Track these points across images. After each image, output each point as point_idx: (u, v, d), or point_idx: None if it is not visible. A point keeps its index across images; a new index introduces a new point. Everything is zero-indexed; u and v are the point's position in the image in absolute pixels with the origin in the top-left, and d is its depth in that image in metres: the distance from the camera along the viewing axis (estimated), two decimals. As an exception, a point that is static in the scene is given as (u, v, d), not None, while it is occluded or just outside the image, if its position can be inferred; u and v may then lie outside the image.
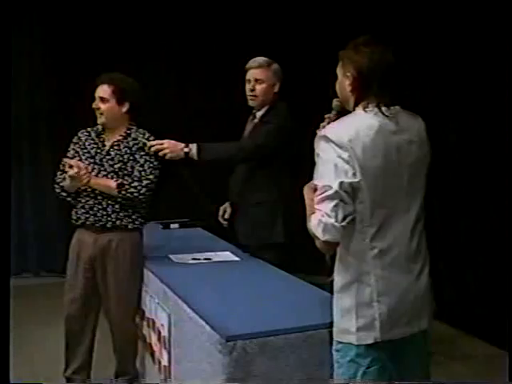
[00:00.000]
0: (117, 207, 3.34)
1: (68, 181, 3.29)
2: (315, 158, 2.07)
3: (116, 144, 3.39)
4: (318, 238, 2.01)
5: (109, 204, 3.34)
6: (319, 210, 2.00)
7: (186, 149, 3.32)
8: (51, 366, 3.76)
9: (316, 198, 2.02)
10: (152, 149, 3.33)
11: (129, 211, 3.37)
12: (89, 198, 3.36)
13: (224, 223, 3.85)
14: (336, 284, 2.13)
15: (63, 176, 3.34)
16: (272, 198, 3.52)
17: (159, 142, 3.34)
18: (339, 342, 2.11)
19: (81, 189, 3.36)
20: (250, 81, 3.55)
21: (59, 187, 3.40)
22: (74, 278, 3.41)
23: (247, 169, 3.58)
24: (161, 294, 3.10)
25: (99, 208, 3.34)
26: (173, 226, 4.46)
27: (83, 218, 3.37)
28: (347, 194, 1.99)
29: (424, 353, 2.23)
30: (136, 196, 3.30)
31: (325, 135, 2.04)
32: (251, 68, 3.56)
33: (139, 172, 3.32)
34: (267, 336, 2.32)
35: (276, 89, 3.57)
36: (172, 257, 3.52)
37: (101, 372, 3.62)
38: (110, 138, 3.42)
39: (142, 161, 3.35)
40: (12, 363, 2.50)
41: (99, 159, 3.38)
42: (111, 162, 3.37)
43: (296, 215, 2.73)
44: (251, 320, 2.46)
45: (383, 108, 2.08)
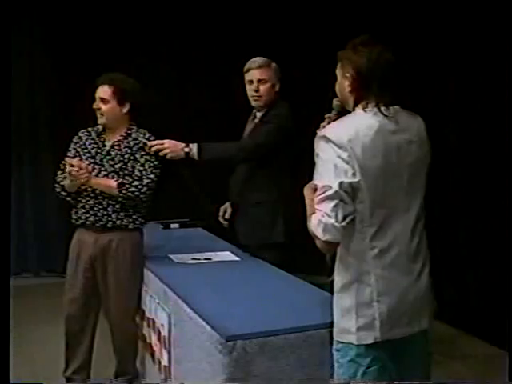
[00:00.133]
0: (117, 207, 3.34)
1: (68, 180, 3.30)
2: (315, 158, 2.07)
3: (116, 144, 3.40)
4: (319, 238, 2.01)
5: (109, 204, 3.34)
6: (319, 210, 2.00)
7: (187, 149, 3.32)
8: (51, 366, 3.76)
9: (316, 198, 2.02)
10: (152, 149, 3.33)
11: (129, 211, 3.37)
12: (89, 198, 3.36)
13: (224, 223, 3.84)
14: (336, 284, 2.13)
15: (64, 175, 3.35)
16: (272, 198, 3.51)
17: (160, 142, 3.34)
18: (339, 342, 2.11)
19: (81, 188, 3.36)
20: (253, 81, 3.51)
21: (59, 186, 3.40)
22: (74, 278, 3.41)
23: (247, 169, 3.58)
24: (161, 294, 3.10)
25: (99, 208, 3.34)
26: (173, 226, 4.46)
27: (83, 218, 3.37)
28: (347, 194, 1.99)
29: (424, 353, 2.22)
30: (137, 195, 3.30)
31: (324, 135, 2.04)
32: (252, 69, 3.52)
33: (140, 171, 3.32)
34: (267, 336, 2.32)
35: (277, 88, 3.56)
36: (172, 257, 3.52)
37: (101, 372, 3.62)
38: (111, 138, 3.42)
39: (143, 160, 3.35)
40: (12, 363, 2.50)
41: (100, 159, 3.39)
42: (112, 162, 3.37)
43: (296, 215, 2.73)
44: (251, 320, 2.46)
45: (383, 108, 2.07)
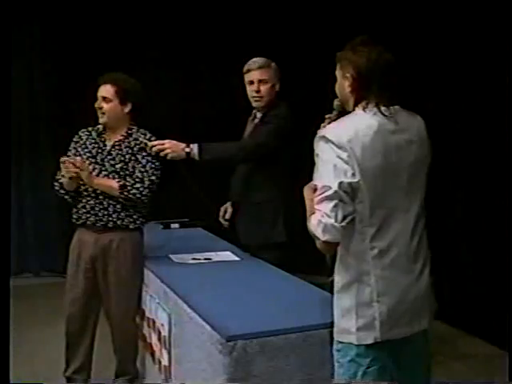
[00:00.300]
0: (118, 207, 3.34)
1: (66, 177, 3.28)
2: (315, 159, 2.07)
3: (117, 144, 3.40)
4: (318, 239, 2.01)
5: (110, 204, 3.34)
6: (319, 211, 2.00)
7: (187, 149, 3.31)
8: (51, 366, 3.77)
9: (315, 199, 2.02)
10: (153, 149, 3.33)
11: (130, 211, 3.37)
12: (90, 198, 3.36)
13: (225, 223, 3.84)
14: (336, 284, 2.13)
15: (62, 174, 3.34)
16: (272, 198, 3.51)
17: (160, 142, 3.34)
18: (339, 342, 2.11)
19: (82, 188, 3.36)
20: (253, 82, 3.50)
21: (58, 184, 3.40)
22: (75, 278, 3.41)
23: (248, 169, 3.57)
24: (161, 294, 3.10)
25: (100, 208, 3.34)
26: (173, 226, 4.46)
27: (84, 218, 3.37)
28: (346, 194, 1.99)
29: (424, 353, 2.23)
30: (138, 197, 3.30)
31: (324, 135, 2.04)
32: (252, 69, 3.51)
33: (141, 173, 3.32)
34: (267, 336, 2.32)
35: (277, 88, 3.55)
36: (172, 257, 3.52)
37: (101, 372, 3.62)
38: (111, 138, 3.42)
39: (144, 161, 3.35)
40: (12, 363, 2.51)
41: (100, 159, 3.39)
42: (112, 162, 3.37)
43: (296, 215, 2.73)
44: (251, 320, 2.45)
45: (382, 108, 2.07)
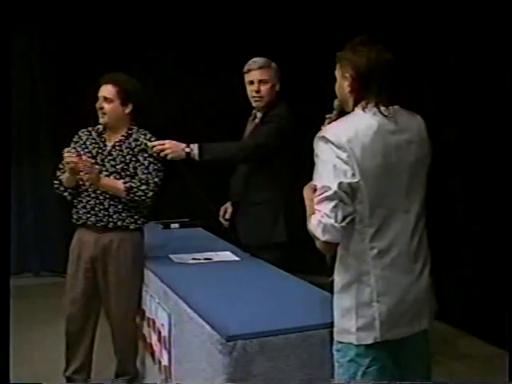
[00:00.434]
0: (119, 207, 3.34)
1: (67, 174, 3.27)
2: (314, 159, 2.07)
3: (118, 144, 3.39)
4: (318, 239, 2.01)
5: (111, 204, 3.34)
6: (319, 211, 2.00)
7: (188, 149, 3.31)
8: (51, 366, 3.76)
9: (315, 199, 2.02)
10: (153, 149, 3.32)
11: (131, 211, 3.37)
12: (90, 198, 3.36)
13: (225, 223, 3.84)
14: (336, 284, 2.13)
15: (62, 170, 3.34)
16: (273, 198, 3.51)
17: (160, 143, 3.33)
18: (339, 342, 2.11)
19: (82, 188, 3.36)
20: (254, 82, 3.49)
21: (58, 182, 3.40)
22: (75, 278, 3.41)
23: (248, 169, 3.57)
24: (161, 294, 3.10)
25: (101, 208, 3.34)
26: (173, 226, 4.46)
27: (84, 218, 3.37)
28: (346, 195, 1.99)
29: (425, 353, 2.23)
30: (143, 199, 3.31)
31: (323, 136, 2.04)
32: (252, 69, 3.51)
33: (145, 174, 3.31)
34: (267, 336, 2.32)
35: (277, 88, 3.55)
36: (172, 257, 3.52)
37: (101, 372, 3.62)
38: (112, 138, 3.42)
39: (147, 163, 3.35)
40: (12, 363, 2.50)
41: (101, 159, 3.38)
42: (113, 163, 3.37)
43: (297, 215, 2.72)
44: (251, 320, 2.45)
45: (382, 108, 2.07)
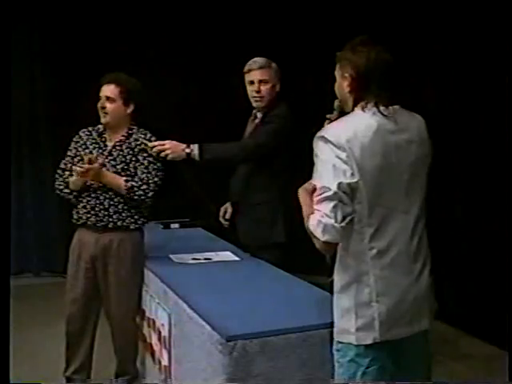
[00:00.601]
0: (119, 207, 3.34)
1: (75, 176, 3.28)
2: (314, 158, 2.07)
3: (118, 144, 3.39)
4: (318, 239, 2.01)
5: (111, 204, 3.34)
6: (318, 211, 2.00)
7: (188, 149, 3.30)
8: (51, 366, 3.76)
9: (315, 199, 2.02)
10: (154, 149, 3.33)
11: (131, 211, 3.37)
12: (90, 198, 3.36)
13: (225, 223, 3.84)
14: (336, 284, 2.13)
15: (68, 173, 3.34)
16: (272, 198, 3.51)
17: (161, 143, 3.33)
18: (339, 342, 2.11)
19: (83, 188, 3.36)
20: (254, 82, 3.49)
21: (63, 184, 3.39)
22: (75, 278, 3.41)
23: (248, 169, 3.57)
24: (161, 294, 3.10)
25: (101, 208, 3.34)
26: (173, 226, 4.46)
27: (85, 218, 3.37)
28: (346, 195, 1.99)
29: (424, 353, 2.23)
30: (143, 199, 3.31)
31: (323, 135, 2.04)
32: (253, 69, 3.50)
33: (145, 175, 3.32)
34: (267, 336, 2.32)
35: (277, 88, 3.54)
36: (172, 257, 3.52)
37: (101, 372, 3.62)
38: (112, 138, 3.42)
39: (146, 163, 3.35)
40: (12, 363, 2.50)
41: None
42: (113, 163, 3.36)
43: (297, 215, 2.72)
44: (251, 320, 2.45)
45: (382, 108, 2.07)
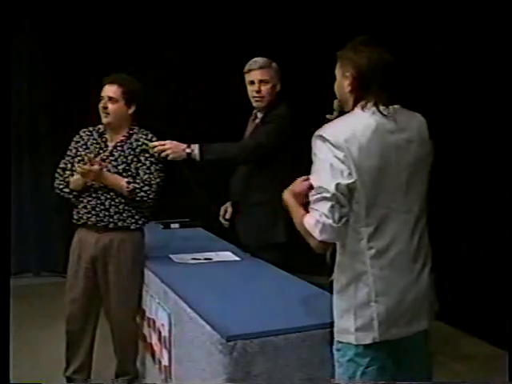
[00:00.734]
0: (119, 208, 3.34)
1: (76, 176, 3.28)
2: (312, 157, 2.07)
3: (119, 145, 3.39)
4: (313, 238, 2.00)
5: (111, 204, 3.34)
6: (316, 210, 1.99)
7: (188, 149, 3.30)
8: (51, 366, 3.76)
9: (312, 198, 2.02)
10: (154, 149, 3.32)
11: (132, 211, 3.37)
12: (91, 198, 3.36)
13: (225, 223, 3.84)
14: (335, 284, 2.13)
15: (69, 173, 3.34)
16: (273, 198, 3.47)
17: (161, 143, 3.33)
18: (339, 342, 2.12)
19: (84, 188, 3.35)
20: (254, 82, 3.49)
21: (64, 183, 3.39)
22: (75, 278, 3.41)
23: (248, 169, 3.57)
24: (161, 294, 3.10)
25: (101, 208, 3.34)
26: (173, 226, 4.46)
27: (85, 218, 3.37)
28: (343, 196, 1.99)
29: (425, 353, 2.23)
30: (145, 200, 3.31)
31: (321, 135, 2.04)
32: (253, 69, 3.50)
33: (147, 175, 3.32)
34: (267, 336, 2.32)
35: (278, 88, 3.54)
36: (172, 257, 3.52)
37: (101, 372, 3.62)
38: (113, 139, 3.42)
39: (148, 163, 3.35)
40: (12, 363, 2.50)
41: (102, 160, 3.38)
42: (115, 163, 3.36)
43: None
44: (251, 320, 2.46)
45: (381, 107, 2.07)
